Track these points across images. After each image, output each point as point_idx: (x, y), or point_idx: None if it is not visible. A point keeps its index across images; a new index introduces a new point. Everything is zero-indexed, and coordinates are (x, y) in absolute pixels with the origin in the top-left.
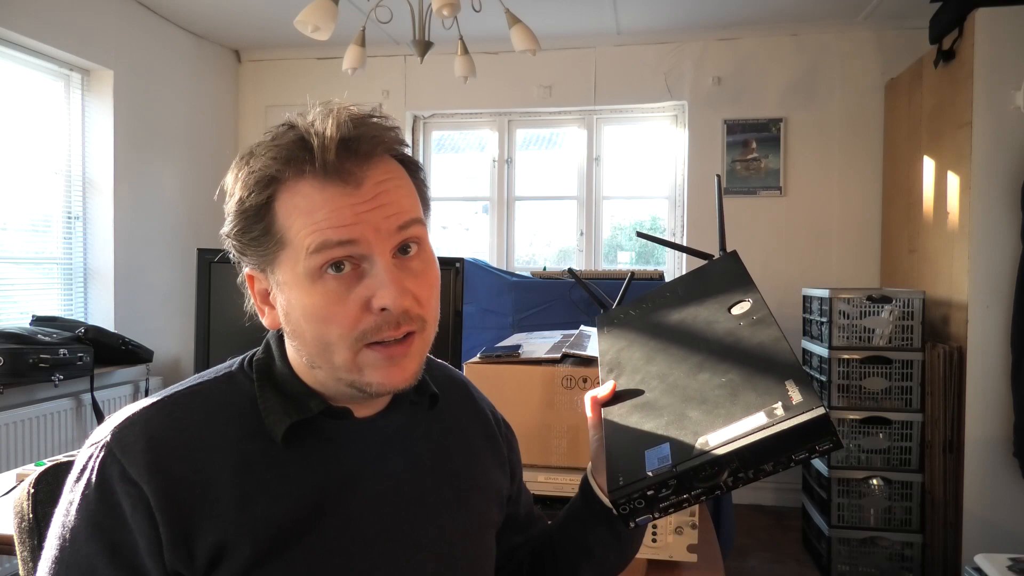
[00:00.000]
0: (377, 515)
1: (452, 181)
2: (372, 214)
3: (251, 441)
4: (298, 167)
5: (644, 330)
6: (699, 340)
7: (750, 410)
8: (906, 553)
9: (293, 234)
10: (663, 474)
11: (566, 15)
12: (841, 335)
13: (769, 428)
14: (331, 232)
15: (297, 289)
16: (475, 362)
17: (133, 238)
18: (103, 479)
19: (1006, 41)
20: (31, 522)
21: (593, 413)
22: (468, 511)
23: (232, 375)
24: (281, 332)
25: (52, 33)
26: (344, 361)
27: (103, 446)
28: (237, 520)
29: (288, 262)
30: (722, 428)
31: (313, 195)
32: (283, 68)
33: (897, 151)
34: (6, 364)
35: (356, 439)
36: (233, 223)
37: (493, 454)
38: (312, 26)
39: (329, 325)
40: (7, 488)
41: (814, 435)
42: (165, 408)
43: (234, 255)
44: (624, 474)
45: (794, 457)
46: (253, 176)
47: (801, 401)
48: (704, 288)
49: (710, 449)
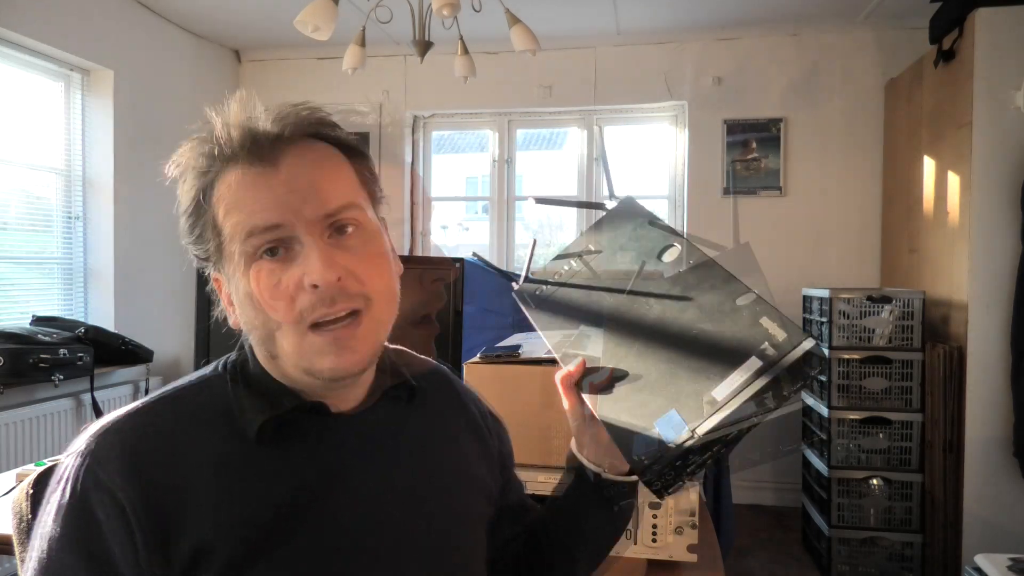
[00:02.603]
0: (359, 511)
1: (452, 181)
2: (293, 197)
3: (228, 443)
4: (219, 158)
5: (578, 296)
6: (642, 301)
7: (741, 357)
8: (906, 553)
9: (229, 226)
10: (683, 440)
11: (566, 15)
12: (841, 335)
13: (769, 371)
14: (257, 217)
15: (240, 279)
16: (475, 362)
17: (133, 238)
18: (79, 489)
19: (1006, 41)
20: (30, 523)
21: (567, 393)
22: (453, 504)
23: (208, 379)
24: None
25: (52, 33)
26: (293, 346)
27: (80, 455)
28: (215, 521)
29: (229, 255)
30: (722, 381)
31: (235, 183)
32: (283, 68)
33: (897, 151)
34: (6, 364)
35: (335, 435)
36: (182, 228)
37: (478, 447)
38: (312, 26)
39: (272, 309)
40: (7, 488)
41: (807, 365)
42: (141, 415)
43: (196, 263)
44: (646, 453)
45: (794, 389)
46: (188, 175)
47: (786, 337)
48: (613, 239)
49: (719, 404)
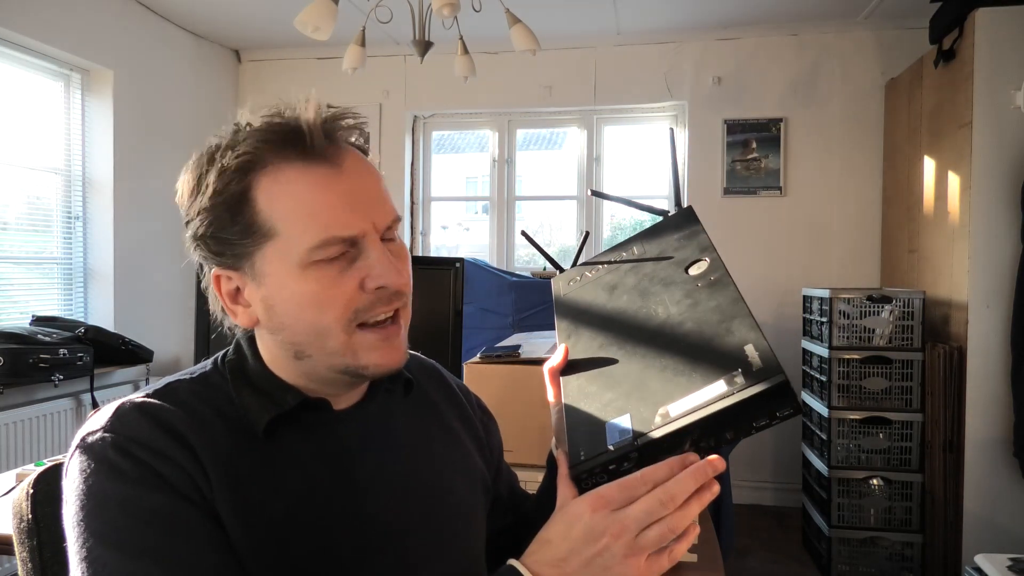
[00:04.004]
0: (362, 504)
1: (452, 181)
2: (364, 205)
3: (233, 438)
4: (283, 151)
5: (600, 293)
6: (656, 303)
7: (710, 378)
8: (906, 553)
9: (283, 223)
10: (624, 447)
11: (566, 15)
12: (841, 335)
13: (729, 397)
14: (337, 228)
15: (288, 278)
16: (475, 362)
17: (133, 238)
18: (122, 452)
19: (1006, 41)
20: (30, 523)
21: (553, 385)
22: (453, 495)
23: (207, 375)
24: (252, 331)
25: (52, 33)
26: (339, 345)
27: (104, 430)
28: (232, 504)
29: (275, 252)
30: (682, 398)
31: (299, 180)
32: (283, 68)
33: (897, 151)
34: (6, 364)
35: (336, 430)
36: (207, 220)
37: (472, 438)
38: (312, 26)
39: (324, 309)
40: (7, 488)
41: (775, 402)
42: (150, 402)
43: (204, 257)
44: (585, 449)
45: (755, 424)
46: (236, 162)
47: (761, 368)
48: (660, 246)
49: (671, 420)
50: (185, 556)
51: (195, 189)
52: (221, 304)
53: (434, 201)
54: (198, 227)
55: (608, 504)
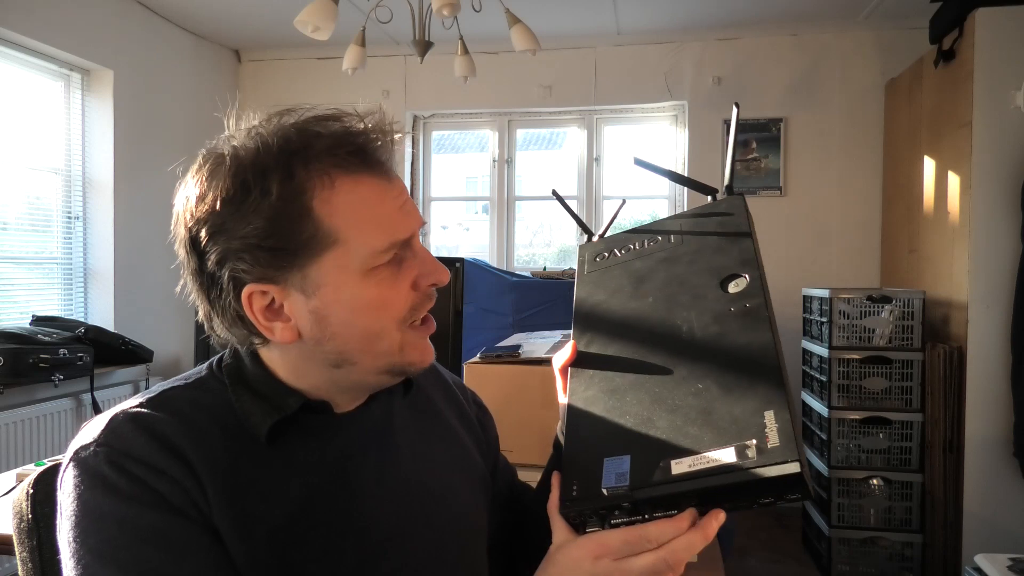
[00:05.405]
0: (365, 507)
1: (452, 181)
2: (411, 210)
3: (234, 443)
4: (343, 161)
5: (625, 282)
6: (681, 318)
7: (720, 440)
8: (906, 553)
9: (346, 231)
10: (619, 496)
11: (566, 15)
12: (841, 335)
13: (737, 473)
14: (399, 232)
15: (347, 286)
16: (475, 362)
17: (133, 238)
18: (117, 468)
19: (1006, 41)
20: (30, 523)
21: (563, 379)
22: (453, 496)
23: (203, 380)
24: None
25: (52, 33)
26: (391, 345)
27: (97, 445)
28: (232, 517)
29: (334, 261)
30: (687, 456)
31: (357, 188)
32: (283, 68)
33: (897, 151)
34: (6, 364)
35: (339, 433)
36: (259, 231)
37: (471, 435)
38: (312, 26)
39: (384, 312)
40: (7, 488)
41: (785, 487)
42: (145, 412)
43: (240, 272)
44: (579, 484)
45: (759, 502)
46: (305, 172)
47: (777, 447)
48: (700, 241)
49: (670, 479)
50: (183, 574)
51: (236, 198)
52: (253, 323)
53: (434, 201)
54: (239, 240)
55: (610, 553)
